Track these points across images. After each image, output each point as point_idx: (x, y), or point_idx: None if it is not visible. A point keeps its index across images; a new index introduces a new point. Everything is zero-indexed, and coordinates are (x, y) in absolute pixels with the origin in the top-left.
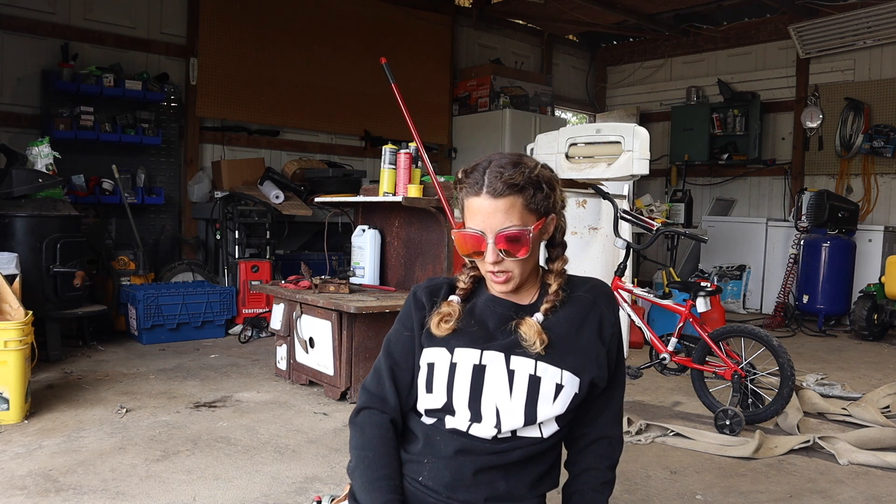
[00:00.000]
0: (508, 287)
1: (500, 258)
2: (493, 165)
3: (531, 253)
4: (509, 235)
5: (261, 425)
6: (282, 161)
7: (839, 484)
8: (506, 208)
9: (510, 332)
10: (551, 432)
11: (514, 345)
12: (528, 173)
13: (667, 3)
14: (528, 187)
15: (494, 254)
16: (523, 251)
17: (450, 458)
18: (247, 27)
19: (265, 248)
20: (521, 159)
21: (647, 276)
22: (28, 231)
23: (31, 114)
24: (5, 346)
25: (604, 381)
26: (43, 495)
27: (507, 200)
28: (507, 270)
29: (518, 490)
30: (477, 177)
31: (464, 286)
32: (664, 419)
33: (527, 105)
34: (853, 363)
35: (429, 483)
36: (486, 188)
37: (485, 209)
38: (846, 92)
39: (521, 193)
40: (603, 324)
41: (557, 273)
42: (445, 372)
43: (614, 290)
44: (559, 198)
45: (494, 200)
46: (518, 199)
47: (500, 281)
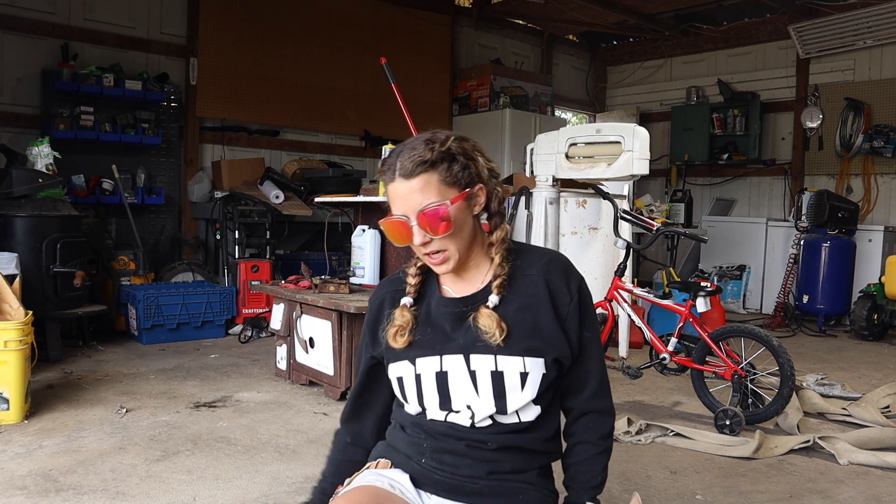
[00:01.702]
0: (449, 267)
1: (427, 238)
2: (406, 148)
3: (460, 227)
4: (428, 213)
5: (261, 425)
6: (282, 161)
7: (839, 484)
8: (421, 187)
9: (468, 329)
10: (533, 416)
11: (473, 343)
12: (439, 147)
13: (667, 3)
14: (440, 161)
15: (420, 234)
16: (445, 226)
17: (442, 440)
18: (247, 27)
19: (265, 248)
20: (432, 136)
21: (647, 276)
22: (28, 231)
23: (31, 114)
24: (5, 346)
25: (568, 359)
26: (43, 495)
27: (421, 179)
28: (441, 250)
29: (517, 463)
30: (391, 162)
31: (413, 283)
32: (664, 419)
33: (527, 105)
34: (853, 363)
35: (431, 464)
36: (398, 171)
37: (401, 192)
38: (846, 92)
39: (435, 169)
40: (557, 300)
41: (498, 243)
42: (413, 384)
43: (614, 289)
44: (482, 167)
45: (408, 181)
46: (432, 176)
47: (437, 262)
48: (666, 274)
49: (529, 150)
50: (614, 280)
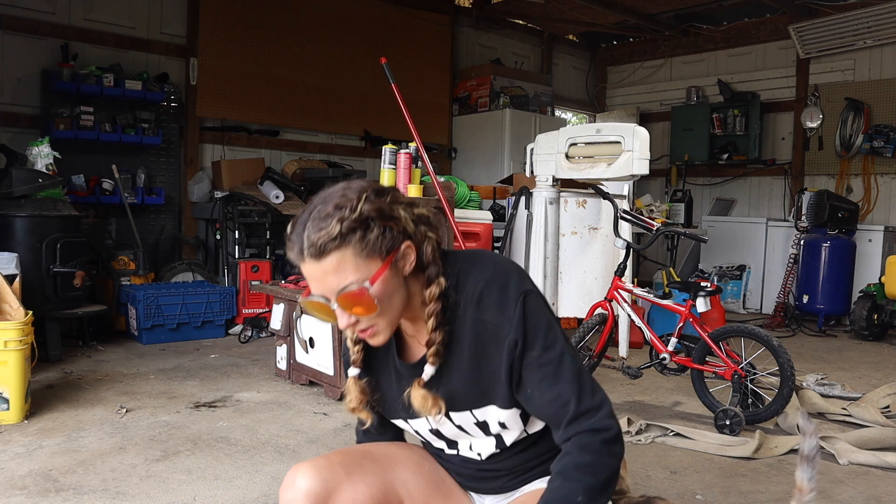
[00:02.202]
0: (382, 339)
1: (353, 321)
2: (311, 219)
3: (388, 299)
4: (349, 297)
5: (261, 425)
6: (282, 161)
7: (839, 484)
8: (334, 268)
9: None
10: (540, 425)
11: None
12: (350, 215)
13: (667, 3)
14: (352, 232)
15: (345, 317)
16: (368, 307)
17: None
18: (247, 27)
19: (265, 248)
20: (341, 199)
21: (647, 276)
22: (28, 231)
23: (31, 114)
24: (5, 346)
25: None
26: (43, 495)
27: (333, 258)
28: (369, 326)
29: (539, 458)
30: (296, 237)
31: (355, 349)
32: (664, 419)
33: (527, 105)
34: (853, 363)
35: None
36: (306, 251)
37: (314, 275)
38: (846, 92)
39: (347, 244)
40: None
41: (432, 302)
42: (414, 435)
43: (614, 289)
44: (406, 221)
45: (318, 263)
46: (346, 252)
47: (367, 336)
48: (666, 274)
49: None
50: (614, 280)
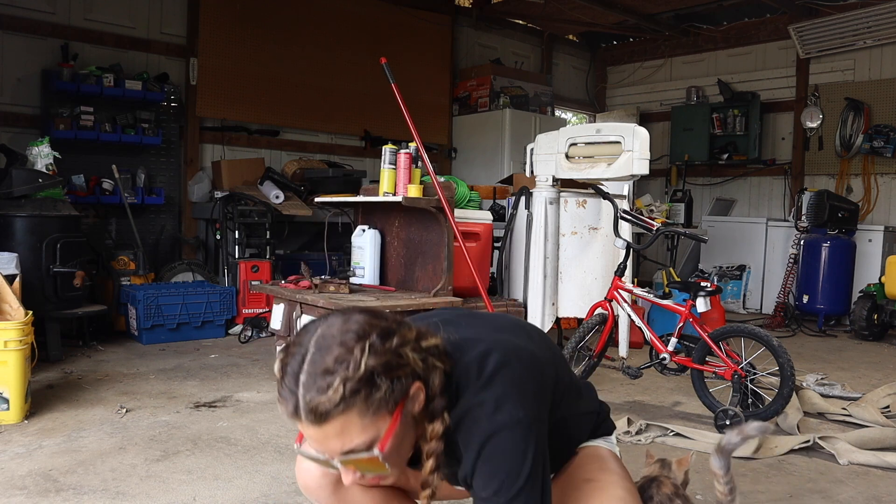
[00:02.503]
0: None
1: (357, 476)
2: (305, 374)
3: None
4: (356, 462)
5: (261, 425)
6: (282, 161)
7: (839, 484)
8: (337, 433)
9: None
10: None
11: None
12: (353, 376)
13: (667, 3)
14: (356, 395)
15: (351, 475)
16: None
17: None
18: (247, 27)
19: (265, 248)
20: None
21: (647, 276)
22: (28, 231)
23: (31, 114)
24: (5, 346)
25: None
26: (43, 495)
27: (336, 423)
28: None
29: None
30: (288, 395)
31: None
32: (664, 419)
33: (527, 105)
34: (853, 363)
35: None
36: (303, 413)
37: (314, 437)
38: (846, 92)
39: (352, 407)
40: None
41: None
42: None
43: (614, 289)
44: (415, 363)
45: (320, 427)
46: (350, 414)
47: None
48: (666, 274)
49: (529, 150)
50: (614, 280)
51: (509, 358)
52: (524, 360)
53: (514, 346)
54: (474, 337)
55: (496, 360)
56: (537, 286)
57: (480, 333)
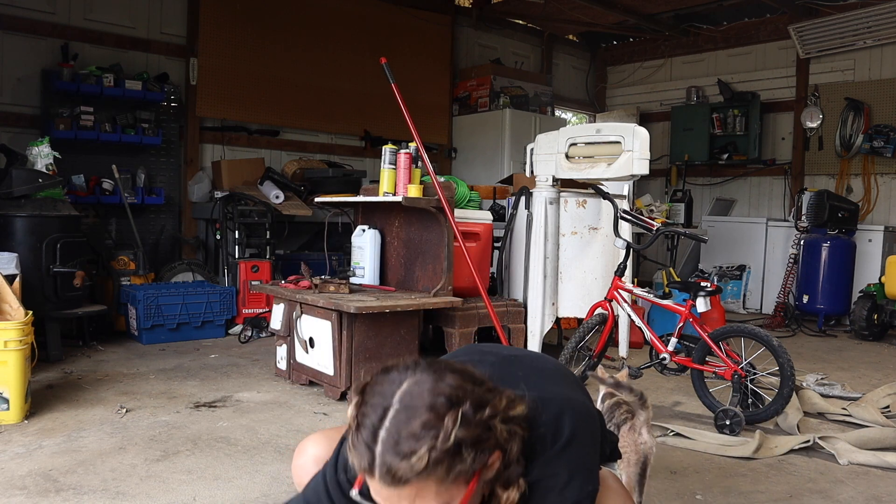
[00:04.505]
0: None
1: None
2: (387, 431)
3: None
4: None
5: (261, 425)
6: (282, 161)
7: (839, 484)
8: (411, 496)
9: None
10: None
11: None
12: (440, 447)
13: (667, 3)
14: (439, 464)
15: None
16: None
17: None
18: (247, 27)
19: (265, 248)
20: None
21: (647, 276)
22: (28, 231)
23: (31, 114)
24: (5, 346)
25: None
26: (43, 495)
27: (412, 488)
28: None
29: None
30: (363, 448)
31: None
32: (664, 419)
33: (527, 105)
34: (853, 363)
35: None
36: (378, 471)
37: (384, 495)
38: (846, 92)
39: (431, 475)
40: None
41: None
42: None
43: (614, 289)
44: (501, 435)
45: (394, 489)
46: (428, 482)
47: None
48: (666, 274)
49: (529, 150)
50: (614, 280)
51: (580, 424)
52: (590, 423)
53: (581, 406)
54: (545, 396)
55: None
56: (537, 286)
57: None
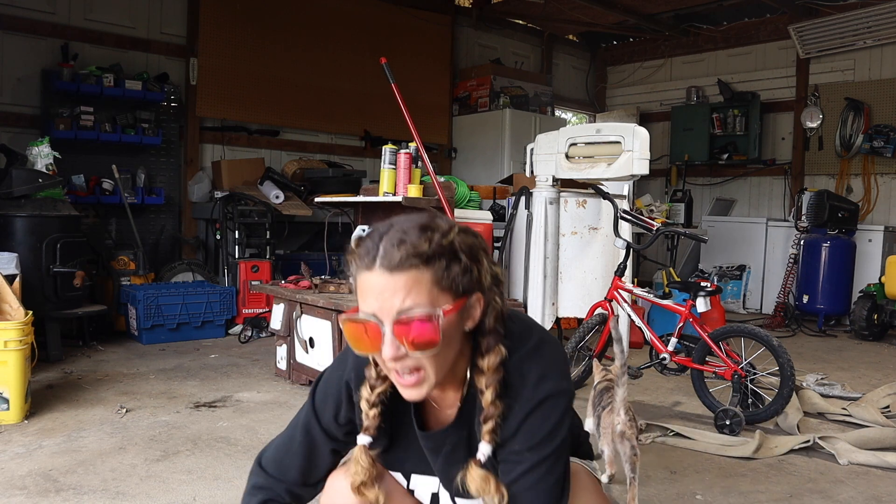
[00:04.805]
0: (421, 392)
1: (401, 353)
2: (393, 230)
3: (446, 345)
4: (410, 322)
5: (261, 425)
6: (282, 161)
7: (839, 484)
8: (407, 286)
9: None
10: None
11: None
12: (440, 240)
13: (667, 3)
14: (438, 258)
15: (393, 347)
16: (432, 342)
17: None
18: (247, 27)
19: (265, 248)
20: (431, 222)
21: (647, 276)
22: (28, 231)
23: (31, 114)
24: (5, 346)
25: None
26: (43, 495)
27: (409, 275)
28: (416, 368)
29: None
30: (370, 245)
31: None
32: (664, 419)
33: (527, 105)
34: (853, 363)
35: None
36: (379, 259)
37: (378, 287)
38: (846, 92)
39: (429, 266)
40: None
41: (490, 372)
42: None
43: (614, 289)
44: (487, 271)
45: (391, 275)
46: (424, 274)
47: (408, 384)
48: (666, 274)
49: (529, 150)
50: (614, 280)
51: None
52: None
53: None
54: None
55: (540, 332)
56: (537, 286)
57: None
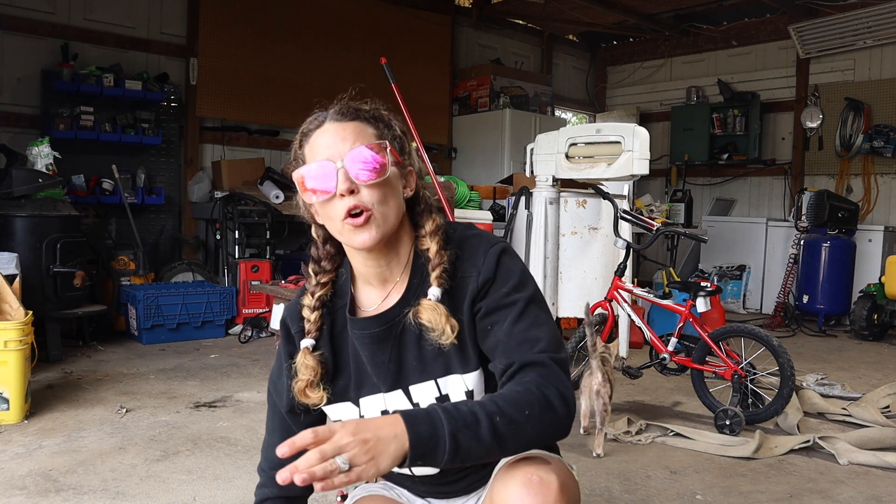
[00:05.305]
0: (372, 234)
1: (353, 185)
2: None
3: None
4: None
5: (261, 425)
6: (282, 161)
7: (839, 484)
8: (356, 131)
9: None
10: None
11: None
12: (378, 109)
13: (667, 3)
14: (377, 120)
15: (347, 181)
16: (378, 171)
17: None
18: (247, 27)
19: (265, 248)
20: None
21: (647, 276)
22: (28, 231)
23: (31, 114)
24: (5, 346)
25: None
26: (43, 495)
27: (356, 125)
28: (366, 207)
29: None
30: (317, 114)
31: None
32: (664, 419)
33: (527, 105)
34: (853, 363)
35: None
36: (330, 115)
37: (330, 135)
38: (846, 92)
39: (370, 124)
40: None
41: (432, 232)
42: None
43: (614, 289)
44: (412, 152)
45: (340, 124)
46: (368, 129)
47: (358, 224)
48: (666, 274)
49: (529, 150)
50: (614, 280)
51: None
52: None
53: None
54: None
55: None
56: None
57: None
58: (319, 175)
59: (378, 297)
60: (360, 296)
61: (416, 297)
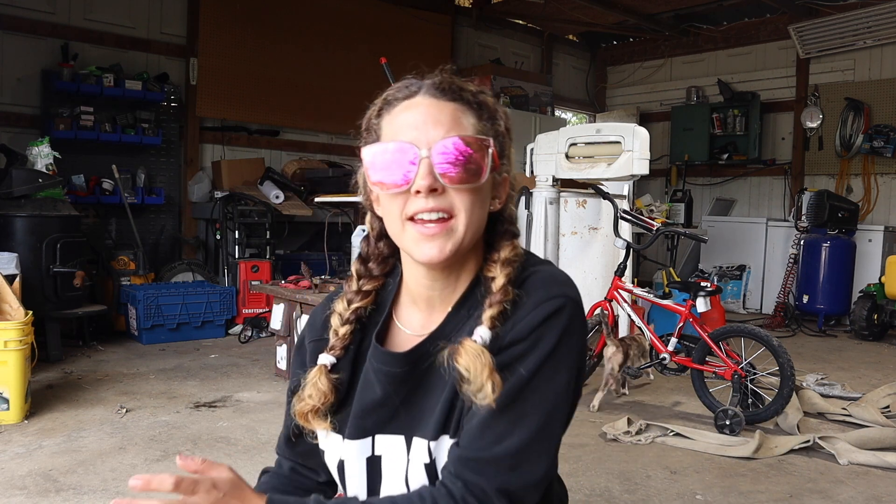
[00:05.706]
0: (444, 247)
1: (437, 183)
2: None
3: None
4: (459, 147)
5: (261, 425)
6: (282, 161)
7: (839, 484)
8: (455, 117)
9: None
10: None
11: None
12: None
13: (667, 3)
14: (481, 108)
15: (430, 176)
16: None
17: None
18: (247, 27)
19: (265, 248)
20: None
21: (647, 276)
22: (28, 231)
23: (31, 114)
24: (5, 346)
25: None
26: (43, 495)
27: (458, 108)
28: (446, 211)
29: None
30: (408, 82)
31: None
32: (664, 419)
33: (527, 105)
34: (853, 363)
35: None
36: (425, 87)
37: (423, 111)
38: (846, 92)
39: (472, 111)
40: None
41: (506, 261)
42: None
43: (614, 289)
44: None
45: (437, 101)
46: (470, 116)
47: (431, 232)
48: (666, 274)
49: (529, 150)
50: (614, 280)
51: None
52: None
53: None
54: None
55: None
56: None
57: None
58: (396, 160)
59: (418, 324)
60: (400, 314)
61: (457, 331)
